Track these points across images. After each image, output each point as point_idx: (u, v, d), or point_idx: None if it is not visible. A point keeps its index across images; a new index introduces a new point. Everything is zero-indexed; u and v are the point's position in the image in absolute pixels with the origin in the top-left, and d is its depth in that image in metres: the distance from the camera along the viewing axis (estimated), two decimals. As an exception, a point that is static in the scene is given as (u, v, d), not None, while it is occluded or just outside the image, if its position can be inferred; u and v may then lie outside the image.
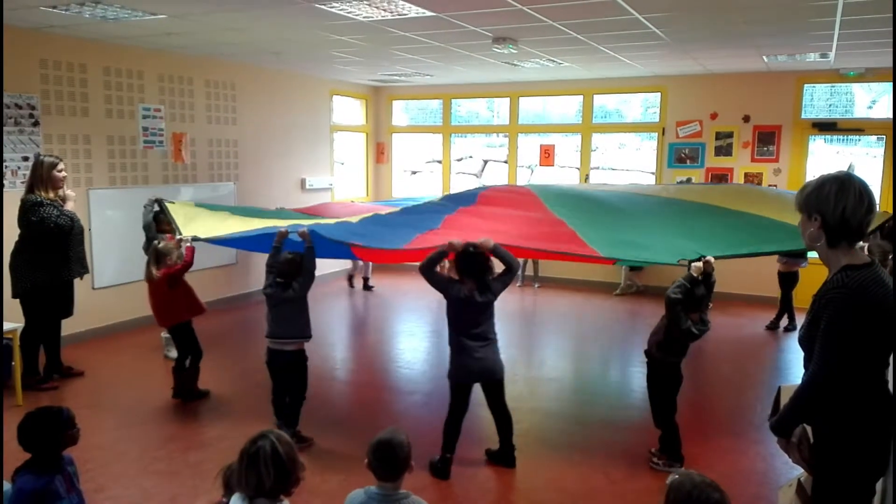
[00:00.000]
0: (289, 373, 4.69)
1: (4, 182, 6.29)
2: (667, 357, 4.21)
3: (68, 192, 5.75)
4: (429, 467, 4.19)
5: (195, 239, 5.25)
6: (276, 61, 8.50)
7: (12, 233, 5.57)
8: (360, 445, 4.54)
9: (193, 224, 5.51)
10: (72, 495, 2.90)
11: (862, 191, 2.29)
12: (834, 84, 8.99)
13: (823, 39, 6.56)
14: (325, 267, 9.13)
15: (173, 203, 5.90)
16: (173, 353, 5.86)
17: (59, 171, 5.60)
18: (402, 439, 2.72)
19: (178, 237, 5.33)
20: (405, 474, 2.69)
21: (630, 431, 4.88)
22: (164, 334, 6.40)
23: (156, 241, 5.53)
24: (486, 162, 13.27)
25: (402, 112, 11.89)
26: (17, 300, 5.60)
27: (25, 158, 6.28)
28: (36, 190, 5.49)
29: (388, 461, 2.66)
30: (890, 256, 4.26)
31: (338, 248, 4.90)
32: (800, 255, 7.19)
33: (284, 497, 2.44)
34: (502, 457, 4.34)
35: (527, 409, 5.23)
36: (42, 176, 5.51)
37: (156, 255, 5.36)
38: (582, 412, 5.38)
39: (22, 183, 5.76)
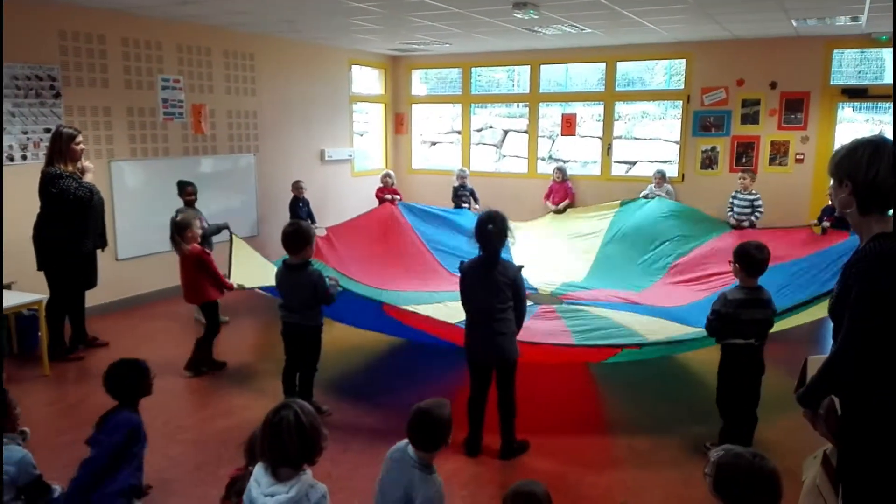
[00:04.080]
0: (302, 345, 4.65)
1: (28, 154, 6.34)
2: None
3: (87, 163, 5.77)
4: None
5: (240, 287, 5.40)
6: (294, 31, 8.42)
7: (34, 205, 5.61)
8: (383, 417, 4.62)
9: (246, 270, 5.64)
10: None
11: (897, 156, 2.20)
12: (864, 49, 8.73)
13: (856, 1, 6.34)
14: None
15: (237, 238, 6.11)
16: (221, 318, 5.97)
17: (78, 143, 5.61)
18: (443, 414, 2.71)
19: (231, 281, 5.47)
20: (441, 448, 2.70)
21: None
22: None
23: (174, 215, 5.55)
24: (506, 132, 13.16)
25: (420, 82, 11.77)
26: (42, 272, 5.67)
27: (47, 130, 6.30)
28: (55, 162, 5.51)
29: (425, 433, 2.68)
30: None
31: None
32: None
33: (308, 466, 2.46)
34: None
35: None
36: (61, 148, 5.53)
37: (176, 228, 5.39)
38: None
39: (44, 155, 5.79)
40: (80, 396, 5.08)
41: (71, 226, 5.57)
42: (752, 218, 7.85)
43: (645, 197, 8.96)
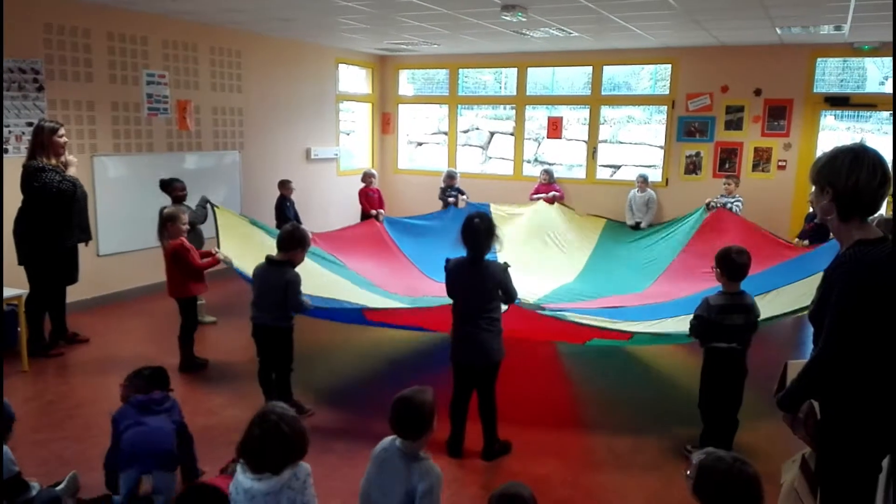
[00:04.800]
0: (272, 346, 4.57)
1: (8, 148, 6.27)
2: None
3: (70, 157, 5.71)
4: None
5: (227, 262, 5.33)
6: (282, 29, 8.39)
7: (15, 199, 5.55)
8: (366, 416, 4.62)
9: (233, 240, 5.62)
10: None
11: (876, 163, 2.22)
12: (847, 58, 8.84)
13: (839, 11, 6.43)
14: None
15: (219, 208, 6.03)
16: (208, 318, 5.90)
17: (60, 136, 5.55)
18: (424, 399, 2.71)
19: (215, 251, 5.43)
20: (427, 435, 2.68)
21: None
22: (199, 301, 6.22)
23: (162, 207, 5.52)
24: (492, 134, 13.18)
25: (407, 82, 11.76)
26: (22, 266, 5.60)
27: (30, 124, 6.22)
28: (38, 156, 5.46)
29: (405, 419, 2.68)
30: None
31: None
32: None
33: (292, 467, 2.48)
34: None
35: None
36: (43, 141, 5.47)
37: (162, 221, 5.36)
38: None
39: (26, 149, 5.73)
40: (58, 393, 5.02)
41: (53, 220, 5.52)
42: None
43: (635, 226, 8.94)
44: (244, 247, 5.65)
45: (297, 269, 4.53)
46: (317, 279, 5.71)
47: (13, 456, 3.07)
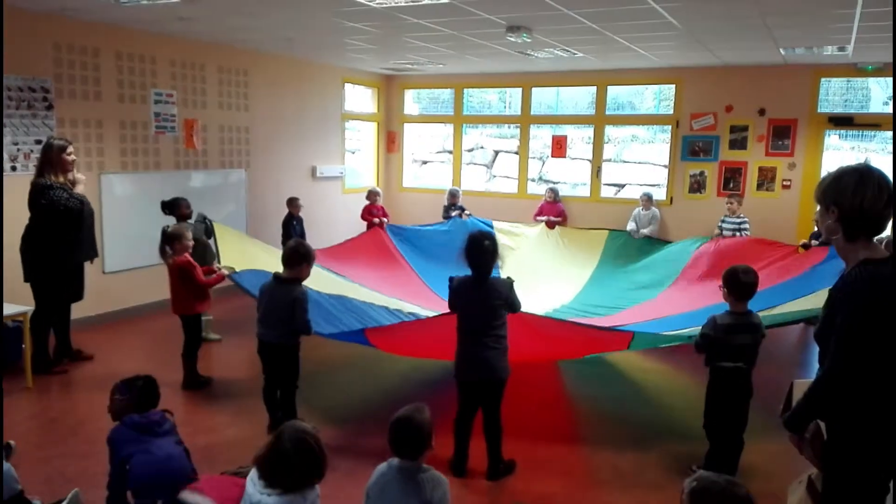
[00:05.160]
0: (279, 364, 4.57)
1: (17, 165, 6.31)
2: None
3: (78, 175, 5.75)
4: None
5: (230, 273, 5.35)
6: (289, 48, 8.47)
7: (23, 216, 5.58)
8: (369, 433, 4.59)
9: (234, 253, 5.65)
10: None
11: (881, 183, 2.23)
12: (850, 79, 8.87)
13: (842, 32, 6.46)
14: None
15: (216, 224, 6.11)
16: (212, 336, 5.89)
17: (69, 154, 5.59)
18: (423, 418, 2.69)
19: (216, 265, 5.47)
20: (426, 453, 2.67)
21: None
22: (206, 317, 6.28)
23: (165, 226, 5.54)
24: (496, 153, 13.22)
25: (413, 102, 11.84)
26: (28, 283, 5.62)
27: (38, 142, 6.28)
28: (46, 173, 5.49)
29: (405, 439, 2.66)
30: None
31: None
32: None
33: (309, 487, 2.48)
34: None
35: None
36: (52, 159, 5.51)
37: (167, 239, 5.38)
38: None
39: (34, 166, 5.77)
40: (62, 410, 5.02)
41: (60, 237, 5.54)
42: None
43: (630, 232, 9.04)
44: (245, 253, 5.67)
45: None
46: (322, 281, 5.75)
47: (16, 474, 3.06)
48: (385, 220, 8.97)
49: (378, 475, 2.73)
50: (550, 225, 9.34)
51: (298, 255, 4.51)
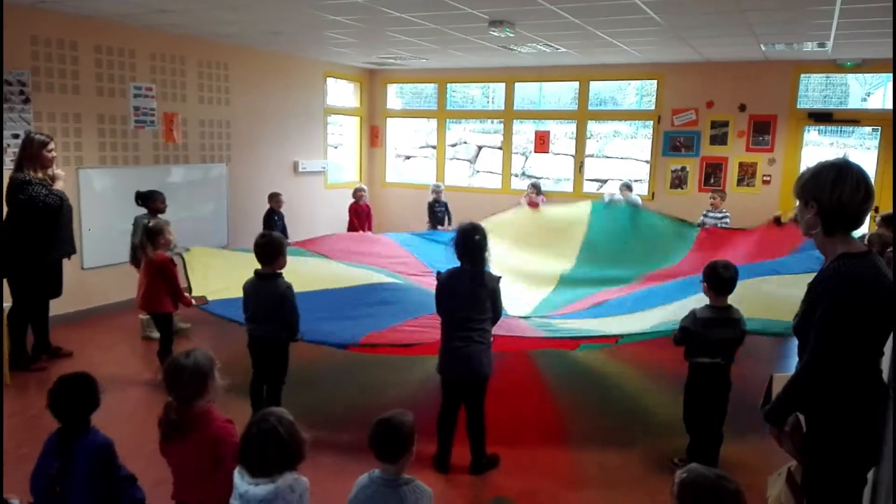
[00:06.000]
0: (269, 358, 4.56)
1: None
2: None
3: (58, 171, 5.68)
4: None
5: (199, 305, 5.29)
6: (270, 42, 8.40)
7: None
8: (354, 430, 4.58)
9: (205, 281, 5.56)
10: None
11: (860, 178, 2.26)
12: (830, 75, 8.97)
13: (822, 28, 6.52)
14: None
15: (188, 251, 5.99)
16: (155, 334, 5.83)
17: (49, 150, 5.52)
18: (404, 421, 2.67)
19: (191, 296, 5.38)
20: (407, 457, 2.65)
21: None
22: (142, 315, 6.38)
23: (146, 220, 5.49)
24: (480, 148, 13.24)
25: (396, 96, 11.80)
26: (5, 279, 5.54)
27: (16, 136, 6.19)
28: (25, 168, 5.42)
29: (386, 442, 2.63)
30: (889, 249, 4.23)
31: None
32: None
33: (287, 472, 2.46)
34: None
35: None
36: (32, 154, 5.43)
37: (149, 234, 5.33)
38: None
39: (11, 161, 5.69)
40: (41, 408, 4.88)
41: (38, 233, 5.47)
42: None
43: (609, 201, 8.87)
44: (218, 279, 5.57)
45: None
46: (302, 277, 5.68)
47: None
48: (370, 233, 8.83)
49: (359, 488, 2.68)
50: (533, 205, 9.16)
51: (272, 249, 4.47)
